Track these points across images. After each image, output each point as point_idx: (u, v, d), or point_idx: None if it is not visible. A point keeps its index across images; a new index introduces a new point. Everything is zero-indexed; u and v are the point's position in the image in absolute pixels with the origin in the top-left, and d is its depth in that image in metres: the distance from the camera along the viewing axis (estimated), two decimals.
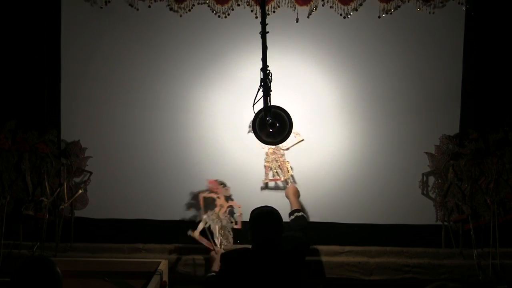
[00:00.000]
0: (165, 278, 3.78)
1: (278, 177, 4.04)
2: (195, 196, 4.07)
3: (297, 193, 3.90)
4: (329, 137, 4.07)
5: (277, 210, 3.26)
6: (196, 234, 3.96)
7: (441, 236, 4.05)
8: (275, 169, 4.05)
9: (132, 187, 4.12)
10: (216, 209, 4.01)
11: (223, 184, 4.04)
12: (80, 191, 4.04)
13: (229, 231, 3.97)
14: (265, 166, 4.05)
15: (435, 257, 4.03)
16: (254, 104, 3.54)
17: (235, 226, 3.98)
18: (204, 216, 3.99)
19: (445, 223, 4.06)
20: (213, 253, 3.88)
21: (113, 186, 4.12)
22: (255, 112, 3.63)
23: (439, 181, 4.06)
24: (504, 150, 3.99)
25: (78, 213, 4.10)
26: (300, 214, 3.67)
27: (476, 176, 4.03)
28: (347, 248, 4.06)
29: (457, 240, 4.03)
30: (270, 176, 4.06)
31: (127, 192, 4.12)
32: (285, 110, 3.78)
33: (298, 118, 3.97)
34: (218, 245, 3.93)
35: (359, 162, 4.07)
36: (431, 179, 4.08)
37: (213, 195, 4.02)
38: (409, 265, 4.00)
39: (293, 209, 3.74)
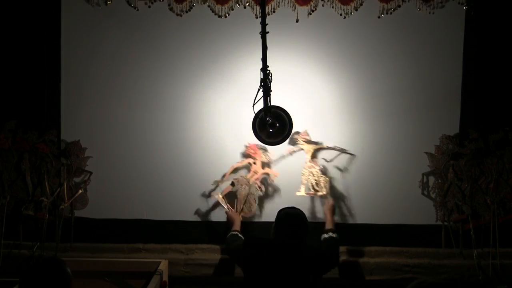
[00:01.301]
0: (165, 278, 3.78)
1: (312, 192, 3.96)
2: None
3: (333, 210, 3.83)
4: (329, 137, 4.07)
5: (303, 214, 3.31)
6: (219, 195, 3.97)
7: (441, 236, 4.05)
8: (311, 183, 3.97)
9: (132, 187, 4.12)
10: (249, 175, 4.00)
11: (264, 150, 4.02)
12: (80, 191, 4.04)
13: (254, 199, 3.97)
14: (301, 178, 3.99)
15: (435, 257, 4.03)
16: (254, 104, 3.55)
17: (261, 194, 3.98)
18: (233, 180, 3.99)
19: (445, 223, 4.06)
20: (229, 214, 3.92)
21: (113, 186, 4.12)
22: (255, 112, 3.63)
23: (439, 181, 4.06)
24: (504, 150, 3.99)
25: (78, 213, 4.10)
26: (334, 235, 3.57)
27: (476, 176, 4.03)
28: (347, 248, 4.05)
29: (457, 240, 4.03)
30: (304, 190, 3.97)
31: (127, 192, 4.12)
32: (285, 110, 3.78)
33: (298, 118, 3.97)
34: (237, 211, 3.95)
35: (359, 162, 4.07)
36: (431, 179, 4.08)
37: (249, 160, 3.99)
38: (409, 265, 4.00)
39: (328, 227, 3.67)
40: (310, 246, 3.27)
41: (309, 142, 4.01)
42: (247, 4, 3.98)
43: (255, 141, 3.88)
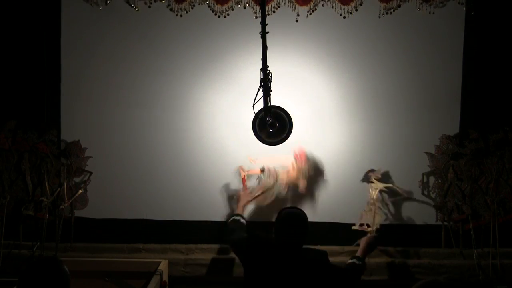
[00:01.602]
0: (165, 278, 3.78)
1: (366, 227, 3.89)
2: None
3: (371, 244, 3.62)
4: (329, 137, 4.07)
5: (304, 213, 3.29)
6: (244, 172, 3.93)
7: (441, 236, 4.05)
8: (367, 217, 3.93)
9: (132, 187, 4.12)
10: (283, 171, 3.94)
11: (310, 160, 3.97)
12: (80, 191, 4.03)
13: (271, 195, 3.92)
14: (362, 212, 3.94)
15: (435, 257, 4.03)
16: (254, 104, 3.54)
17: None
18: (265, 167, 3.94)
19: (445, 223, 4.06)
20: (241, 193, 3.87)
21: (113, 186, 4.11)
22: (255, 112, 3.63)
23: (439, 181, 4.06)
24: (504, 150, 3.99)
25: (78, 213, 4.10)
26: (358, 263, 3.39)
27: (476, 176, 4.03)
28: (347, 248, 4.05)
29: (457, 240, 4.03)
30: (358, 223, 3.93)
31: (127, 192, 4.12)
32: (285, 110, 3.78)
33: (298, 118, 3.97)
34: (252, 194, 3.89)
35: (359, 162, 4.07)
36: (431, 179, 4.08)
37: (291, 165, 3.94)
38: (409, 265, 4.00)
39: (357, 254, 3.51)
40: (311, 249, 3.26)
41: (380, 180, 3.97)
42: (247, 4, 3.98)
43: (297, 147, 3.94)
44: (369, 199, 3.93)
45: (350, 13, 3.97)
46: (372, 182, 3.96)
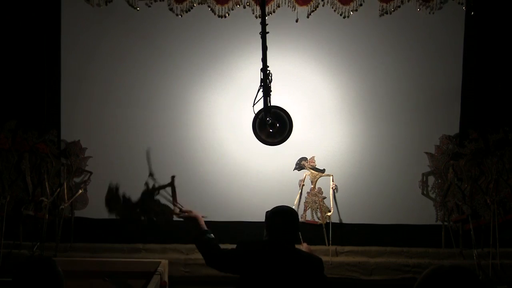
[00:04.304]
0: (165, 278, 3.78)
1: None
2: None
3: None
4: (329, 137, 4.07)
5: (294, 210, 3.26)
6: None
7: (441, 236, 4.05)
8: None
9: (132, 187, 4.11)
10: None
11: None
12: (80, 191, 4.04)
13: None
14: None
15: (435, 257, 4.03)
16: (254, 104, 3.54)
17: None
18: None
19: (445, 223, 4.06)
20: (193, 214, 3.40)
21: (113, 186, 4.11)
22: (255, 112, 3.63)
23: (439, 181, 4.06)
24: (504, 150, 4.00)
25: (78, 213, 4.10)
26: None
27: (476, 176, 4.03)
28: (347, 248, 4.06)
29: (457, 240, 4.03)
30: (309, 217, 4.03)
31: (127, 192, 4.12)
32: (285, 110, 3.78)
33: (298, 118, 3.97)
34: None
35: (359, 162, 4.07)
36: (431, 179, 4.08)
37: None
38: (409, 265, 4.00)
39: None
40: (306, 252, 3.22)
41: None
42: (247, 4, 3.98)
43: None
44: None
45: (350, 13, 3.96)
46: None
